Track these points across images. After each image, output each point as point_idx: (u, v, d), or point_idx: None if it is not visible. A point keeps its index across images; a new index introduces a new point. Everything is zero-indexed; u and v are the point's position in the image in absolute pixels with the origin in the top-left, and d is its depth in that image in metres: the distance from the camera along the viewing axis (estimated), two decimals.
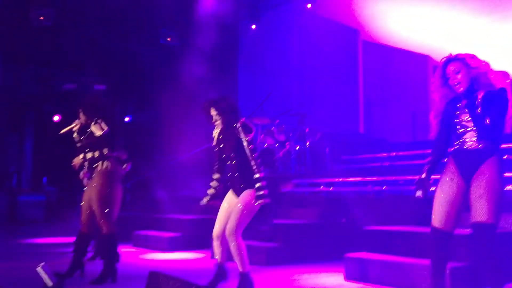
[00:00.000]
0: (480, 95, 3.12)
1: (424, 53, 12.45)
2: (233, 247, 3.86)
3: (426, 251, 4.33)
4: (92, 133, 4.51)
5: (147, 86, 10.55)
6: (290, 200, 7.17)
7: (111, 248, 4.53)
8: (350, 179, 7.30)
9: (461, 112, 3.17)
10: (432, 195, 3.26)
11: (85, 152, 4.61)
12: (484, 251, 2.97)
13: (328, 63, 11.01)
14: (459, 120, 3.17)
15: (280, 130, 8.70)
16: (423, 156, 7.13)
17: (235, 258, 3.90)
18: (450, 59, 3.23)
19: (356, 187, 7.12)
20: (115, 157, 4.66)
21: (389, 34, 11.67)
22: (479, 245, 3.00)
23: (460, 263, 3.99)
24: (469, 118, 3.12)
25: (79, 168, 4.70)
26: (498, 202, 2.99)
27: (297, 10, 10.69)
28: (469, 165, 3.10)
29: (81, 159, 4.63)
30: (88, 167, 4.62)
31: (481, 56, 3.24)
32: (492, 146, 3.09)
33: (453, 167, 3.19)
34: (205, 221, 7.03)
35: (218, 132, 4.15)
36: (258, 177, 3.89)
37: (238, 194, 3.98)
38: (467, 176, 3.10)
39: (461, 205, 3.15)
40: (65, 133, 4.71)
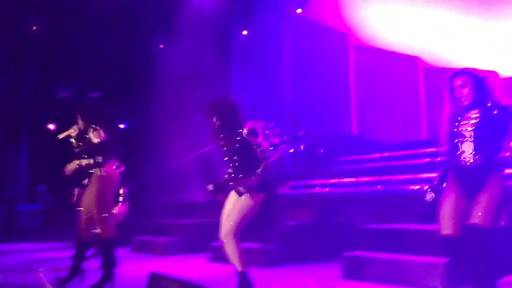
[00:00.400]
0: (483, 109, 3.19)
1: (413, 54, 12.62)
2: (229, 247, 3.92)
3: (424, 247, 4.48)
4: (90, 140, 4.54)
5: (142, 92, 10.62)
6: (286, 202, 7.27)
7: (110, 252, 4.55)
8: (344, 180, 7.43)
9: (461, 123, 3.23)
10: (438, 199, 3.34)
11: (81, 158, 4.61)
12: (476, 253, 3.05)
13: (320, 66, 11.15)
14: (458, 130, 3.23)
15: (275, 133, 8.81)
16: (415, 156, 7.31)
17: (232, 258, 3.95)
18: (457, 73, 3.30)
19: (350, 188, 7.24)
20: (111, 163, 4.70)
21: (378, 37, 11.82)
22: (471, 246, 3.07)
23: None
24: (468, 129, 3.19)
25: (72, 174, 4.69)
26: (496, 208, 3.07)
27: (288, 14, 10.83)
28: (470, 184, 3.17)
29: (76, 165, 4.62)
30: (85, 173, 4.63)
31: (471, 58, 3.33)
32: (489, 161, 3.14)
33: (455, 186, 3.25)
34: (204, 225, 7.14)
35: (220, 136, 4.13)
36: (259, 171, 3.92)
37: (240, 195, 4.03)
38: (470, 193, 3.17)
39: (467, 213, 3.19)
40: (63, 139, 4.71)
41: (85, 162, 4.58)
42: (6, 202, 11.38)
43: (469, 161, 3.18)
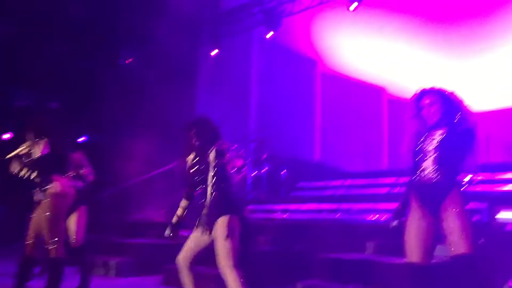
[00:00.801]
0: (449, 127, 3.19)
1: (379, 85, 12.86)
2: (231, 279, 3.65)
3: (380, 280, 4.43)
4: (33, 154, 4.42)
5: (104, 106, 10.37)
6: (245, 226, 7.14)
7: (58, 273, 4.36)
8: (305, 206, 7.37)
9: (425, 141, 3.22)
10: (402, 226, 3.29)
11: (29, 173, 4.42)
12: (467, 279, 3.03)
13: (287, 91, 11.21)
14: (421, 148, 3.22)
15: (238, 155, 8.71)
16: (375, 185, 7.33)
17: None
18: (425, 91, 3.30)
19: (310, 214, 7.19)
20: (66, 179, 4.54)
21: (346, 66, 12.01)
22: (461, 274, 3.05)
23: None
24: (431, 147, 3.17)
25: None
26: (471, 232, 3.05)
27: (257, 38, 10.87)
28: (432, 201, 3.14)
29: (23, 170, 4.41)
30: (37, 189, 4.45)
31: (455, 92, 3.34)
32: (450, 178, 3.13)
33: (418, 205, 3.20)
34: (158, 246, 6.92)
35: (194, 156, 3.97)
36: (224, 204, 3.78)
37: (213, 220, 3.76)
38: (433, 211, 3.14)
39: (434, 238, 3.18)
40: (11, 158, 4.50)
41: (33, 176, 4.40)
42: None
43: (430, 177, 3.15)
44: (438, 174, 3.13)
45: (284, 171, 8.69)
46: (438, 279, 3.09)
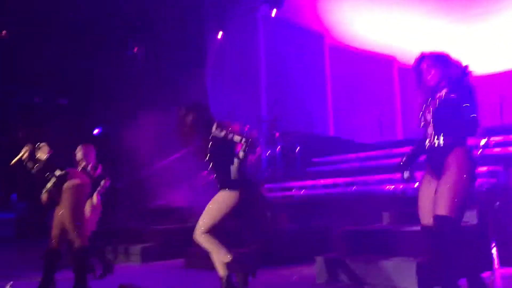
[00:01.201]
0: (445, 91, 3.19)
1: (389, 54, 12.71)
2: (203, 243, 3.79)
3: (398, 248, 4.46)
4: (40, 159, 4.65)
5: (116, 98, 10.45)
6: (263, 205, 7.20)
7: (84, 262, 4.49)
8: (321, 181, 7.39)
9: (426, 107, 3.25)
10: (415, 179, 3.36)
11: (42, 181, 4.63)
12: (442, 245, 3.03)
13: (297, 68, 11.14)
14: (423, 115, 3.25)
15: (251, 136, 8.73)
16: (390, 156, 7.31)
17: (213, 257, 3.79)
18: (424, 56, 3.32)
19: (327, 189, 7.21)
20: (80, 172, 4.69)
21: (354, 38, 11.88)
22: (437, 238, 3.05)
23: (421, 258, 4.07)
24: (430, 113, 3.20)
25: (48, 200, 4.65)
26: (459, 196, 3.03)
27: (263, 17, 10.79)
28: (437, 163, 3.16)
29: (47, 192, 4.61)
30: (54, 189, 4.60)
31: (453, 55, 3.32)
32: (452, 140, 3.13)
33: (428, 167, 3.28)
34: (180, 231, 7.04)
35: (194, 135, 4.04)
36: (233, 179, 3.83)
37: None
38: (438, 174, 3.16)
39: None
40: (16, 163, 4.74)
41: (50, 185, 4.59)
42: None
43: (433, 144, 3.20)
44: (438, 140, 3.17)
45: (298, 148, 8.69)
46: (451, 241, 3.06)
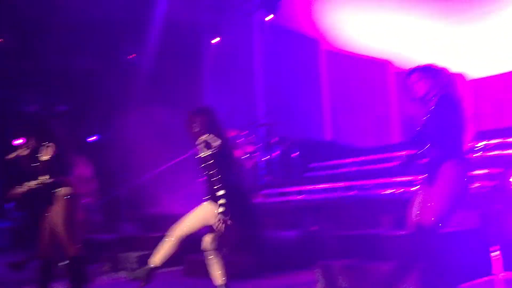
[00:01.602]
0: (432, 103, 3.20)
1: (385, 58, 12.72)
2: (167, 244, 4.12)
3: (397, 253, 4.41)
4: (40, 158, 4.47)
5: (112, 104, 10.42)
6: (261, 211, 7.16)
7: (79, 271, 4.43)
8: (319, 186, 7.36)
9: (419, 119, 3.26)
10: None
11: (32, 179, 4.48)
12: (421, 252, 3.07)
13: (293, 72, 11.14)
14: (416, 128, 3.27)
15: (248, 141, 8.72)
16: (387, 160, 7.29)
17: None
18: (411, 70, 3.34)
19: (325, 194, 7.18)
20: (74, 180, 4.62)
21: (349, 42, 11.89)
22: (416, 245, 3.10)
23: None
24: (421, 125, 3.23)
25: (23, 196, 4.53)
26: (441, 208, 3.05)
27: (258, 21, 10.79)
28: (429, 175, 3.20)
29: (26, 187, 4.48)
30: (44, 193, 4.49)
31: (439, 61, 3.34)
32: (440, 153, 3.13)
33: (422, 180, 3.30)
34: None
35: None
36: (220, 194, 3.84)
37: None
38: (430, 185, 3.18)
39: None
40: (12, 159, 4.58)
41: (34, 183, 4.44)
42: None
43: (424, 154, 3.23)
44: (429, 151, 3.19)
45: (296, 153, 8.67)
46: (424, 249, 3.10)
